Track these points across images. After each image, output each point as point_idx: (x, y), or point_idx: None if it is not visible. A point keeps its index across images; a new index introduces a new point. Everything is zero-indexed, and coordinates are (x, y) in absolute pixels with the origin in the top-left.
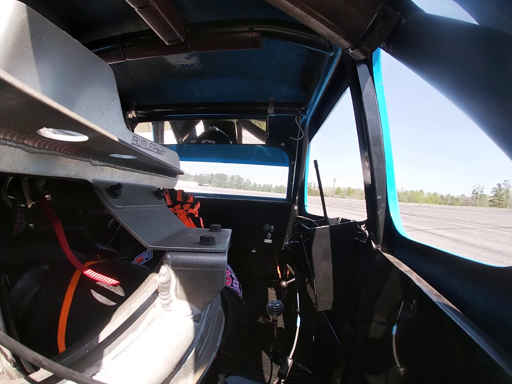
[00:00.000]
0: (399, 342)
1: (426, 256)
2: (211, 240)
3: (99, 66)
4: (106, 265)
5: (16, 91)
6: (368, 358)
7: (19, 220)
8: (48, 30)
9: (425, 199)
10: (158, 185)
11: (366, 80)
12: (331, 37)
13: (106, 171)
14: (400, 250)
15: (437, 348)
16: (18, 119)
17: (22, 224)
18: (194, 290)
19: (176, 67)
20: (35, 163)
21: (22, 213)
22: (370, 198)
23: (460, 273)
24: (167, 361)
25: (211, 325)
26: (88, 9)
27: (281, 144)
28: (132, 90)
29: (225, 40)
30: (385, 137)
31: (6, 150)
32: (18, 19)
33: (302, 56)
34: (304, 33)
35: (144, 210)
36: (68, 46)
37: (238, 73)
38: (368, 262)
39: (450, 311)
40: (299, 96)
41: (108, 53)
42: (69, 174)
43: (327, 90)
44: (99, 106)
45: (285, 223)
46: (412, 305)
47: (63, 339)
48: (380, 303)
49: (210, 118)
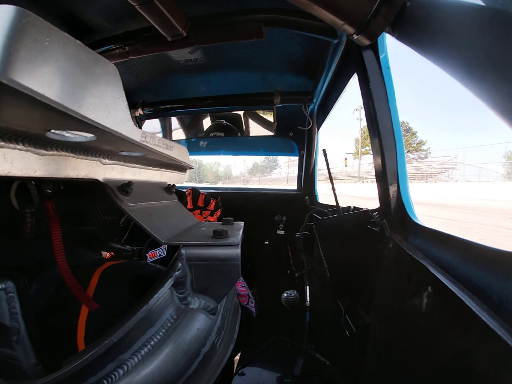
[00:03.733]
0: (414, 330)
1: (440, 242)
2: (224, 234)
3: (104, 66)
4: (125, 266)
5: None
6: (384, 346)
7: (29, 225)
8: (50, 33)
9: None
10: (169, 180)
11: (373, 65)
12: (334, 23)
13: (116, 169)
14: (414, 237)
15: (453, 334)
16: (27, 123)
17: (33, 228)
18: (209, 284)
19: (180, 62)
20: (46, 165)
21: (32, 218)
22: (382, 185)
23: (475, 258)
24: (185, 354)
25: (227, 317)
26: (88, 10)
27: (290, 134)
28: (138, 88)
29: (227, 32)
30: (395, 123)
31: (17, 154)
32: (19, 24)
33: (306, 45)
34: (307, 20)
35: (156, 206)
36: (71, 47)
37: (242, 65)
38: (381, 250)
39: (465, 297)
40: (305, 85)
41: (111, 52)
42: (79, 175)
43: (333, 78)
44: (106, 105)
45: (297, 214)
46: (427, 292)
47: (83, 338)
48: (395, 291)
49: (217, 111)
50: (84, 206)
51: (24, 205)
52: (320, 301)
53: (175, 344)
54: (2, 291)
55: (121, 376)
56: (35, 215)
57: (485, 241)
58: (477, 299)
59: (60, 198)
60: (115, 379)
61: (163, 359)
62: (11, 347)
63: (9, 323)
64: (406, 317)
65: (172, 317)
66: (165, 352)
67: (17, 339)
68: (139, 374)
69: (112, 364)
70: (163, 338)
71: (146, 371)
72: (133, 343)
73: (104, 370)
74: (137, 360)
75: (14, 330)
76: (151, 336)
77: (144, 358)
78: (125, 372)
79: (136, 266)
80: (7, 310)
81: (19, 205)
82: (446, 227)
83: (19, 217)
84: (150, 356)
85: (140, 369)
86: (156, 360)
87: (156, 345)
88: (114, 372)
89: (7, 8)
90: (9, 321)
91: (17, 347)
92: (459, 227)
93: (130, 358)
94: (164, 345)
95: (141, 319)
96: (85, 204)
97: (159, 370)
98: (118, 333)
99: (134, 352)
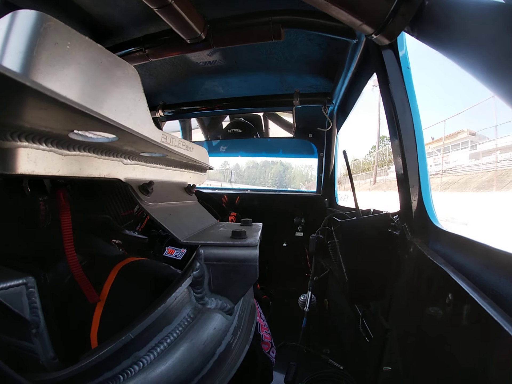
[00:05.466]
0: (433, 338)
1: (461, 248)
2: (243, 234)
3: (124, 68)
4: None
5: (45, 98)
6: (402, 354)
7: (44, 213)
8: (71, 37)
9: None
10: (189, 181)
11: (392, 65)
12: (353, 23)
13: (137, 169)
14: (435, 242)
15: (474, 343)
16: (50, 124)
17: (48, 216)
18: (227, 284)
19: (199, 64)
20: (69, 165)
21: (45, 206)
22: (403, 188)
23: (497, 266)
24: (201, 353)
25: (244, 318)
26: (108, 14)
27: (309, 135)
28: (158, 90)
29: (246, 34)
30: (416, 124)
31: (40, 154)
32: (41, 29)
33: (324, 45)
34: (326, 21)
35: (176, 206)
36: (92, 51)
37: (261, 66)
38: (402, 254)
39: (487, 305)
40: (324, 85)
41: (131, 55)
42: (102, 174)
43: (353, 78)
44: (127, 107)
45: (316, 216)
46: (447, 299)
47: (96, 333)
48: (415, 297)
49: (236, 113)
50: (98, 194)
51: (36, 194)
52: (337, 305)
53: (191, 342)
54: (23, 286)
55: (136, 373)
56: (48, 203)
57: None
58: (499, 308)
59: (73, 187)
60: (131, 375)
61: (179, 357)
62: (29, 340)
63: (29, 317)
64: (425, 324)
65: (189, 316)
66: (180, 350)
67: (36, 332)
68: (154, 371)
69: (128, 361)
70: (179, 336)
71: (162, 368)
72: (149, 340)
73: (120, 366)
74: (153, 357)
75: (34, 324)
76: (167, 334)
77: (159, 356)
78: (140, 368)
79: (157, 266)
80: (28, 304)
81: (32, 193)
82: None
83: (33, 205)
84: (165, 354)
85: (156, 366)
86: (172, 358)
87: (172, 343)
88: (130, 368)
89: (29, 13)
90: (29, 315)
91: (35, 340)
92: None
93: (146, 355)
94: (180, 344)
95: (158, 317)
96: (99, 192)
97: (174, 368)
98: (135, 330)
99: (150, 349)
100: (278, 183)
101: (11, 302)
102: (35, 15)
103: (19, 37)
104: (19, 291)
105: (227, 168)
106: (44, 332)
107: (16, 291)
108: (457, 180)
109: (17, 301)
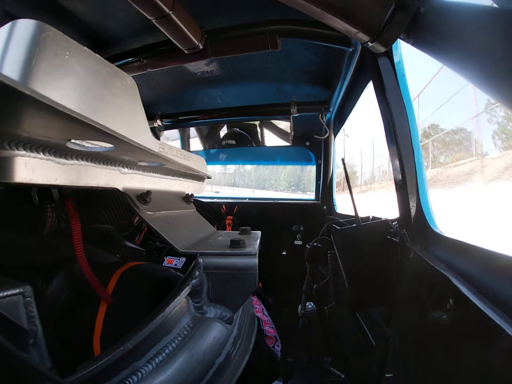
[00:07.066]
0: (435, 343)
1: (462, 253)
2: (242, 243)
3: (122, 79)
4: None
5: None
6: (404, 360)
7: (50, 219)
8: (69, 47)
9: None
10: (187, 190)
11: (388, 73)
12: (349, 32)
13: (135, 178)
14: (435, 247)
15: (476, 348)
16: (47, 133)
17: (54, 222)
18: (226, 293)
19: (197, 74)
20: (66, 174)
21: (53, 213)
22: (401, 194)
23: (499, 270)
24: (200, 363)
25: (244, 327)
26: (106, 24)
27: (306, 143)
28: (156, 100)
29: (243, 44)
30: (412, 130)
31: (38, 162)
32: (40, 38)
33: (321, 54)
34: (322, 30)
35: (175, 215)
36: (91, 61)
37: (257, 76)
38: (402, 261)
39: (489, 310)
40: (321, 94)
41: (129, 65)
42: (99, 183)
43: (349, 86)
44: (125, 117)
45: (315, 224)
46: (448, 304)
47: (99, 338)
48: (416, 303)
49: (233, 122)
50: (99, 205)
51: (44, 201)
52: (338, 313)
53: (190, 353)
54: (20, 296)
55: (135, 383)
56: (55, 210)
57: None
58: (501, 313)
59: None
60: None
61: (178, 368)
62: (27, 351)
63: (27, 327)
64: (427, 330)
65: (188, 325)
66: (179, 360)
67: (34, 342)
68: (153, 382)
69: (127, 371)
70: (178, 346)
71: (160, 379)
72: (148, 350)
73: (118, 376)
74: (152, 368)
75: (32, 333)
76: (166, 344)
77: (158, 366)
78: (139, 379)
79: (157, 269)
80: (25, 314)
81: (40, 201)
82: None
83: (40, 212)
84: (164, 364)
85: (155, 377)
86: (171, 369)
87: (171, 353)
88: (128, 379)
89: (28, 22)
90: (27, 325)
91: (32, 351)
92: None
93: (144, 366)
94: (179, 354)
95: (156, 327)
96: (100, 203)
97: (173, 378)
98: (133, 340)
99: (148, 360)
100: (295, 186)
101: (8, 311)
102: (34, 25)
103: (19, 46)
104: (16, 300)
105: (228, 171)
106: (41, 342)
107: (13, 300)
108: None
109: (15, 310)
